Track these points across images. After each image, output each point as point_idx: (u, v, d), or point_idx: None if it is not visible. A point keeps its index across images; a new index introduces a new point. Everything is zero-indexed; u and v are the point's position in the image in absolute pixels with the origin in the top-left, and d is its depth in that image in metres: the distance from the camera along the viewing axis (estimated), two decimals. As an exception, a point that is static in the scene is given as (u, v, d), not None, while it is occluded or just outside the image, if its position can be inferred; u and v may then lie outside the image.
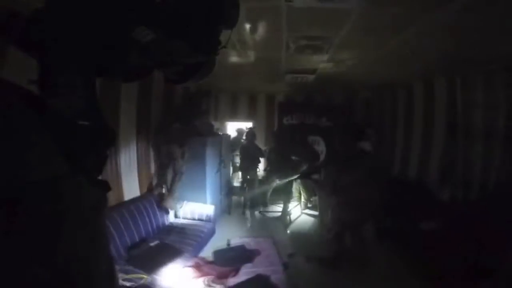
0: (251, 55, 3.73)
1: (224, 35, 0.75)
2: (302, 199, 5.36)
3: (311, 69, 4.38)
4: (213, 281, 2.54)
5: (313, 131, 6.37)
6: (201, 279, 2.57)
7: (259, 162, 5.27)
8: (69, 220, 0.50)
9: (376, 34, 2.71)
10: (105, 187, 0.61)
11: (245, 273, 2.77)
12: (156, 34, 0.59)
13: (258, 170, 5.36)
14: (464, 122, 3.77)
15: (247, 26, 2.66)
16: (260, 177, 5.64)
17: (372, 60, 3.65)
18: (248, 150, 5.17)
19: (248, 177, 5.23)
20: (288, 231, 4.24)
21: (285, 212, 4.62)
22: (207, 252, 3.19)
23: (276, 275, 2.70)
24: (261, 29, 2.75)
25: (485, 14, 2.12)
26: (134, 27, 0.57)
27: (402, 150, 5.30)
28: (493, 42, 2.71)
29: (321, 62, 3.90)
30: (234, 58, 3.79)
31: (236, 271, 2.78)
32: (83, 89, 0.59)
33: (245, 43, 3.18)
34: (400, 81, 4.97)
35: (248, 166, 5.16)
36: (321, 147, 6.40)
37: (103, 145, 0.64)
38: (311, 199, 5.36)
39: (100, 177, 0.61)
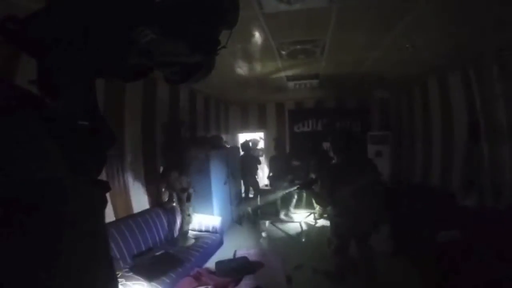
0: (254, 67, 3.79)
1: (224, 36, 0.75)
2: (317, 209, 5.16)
3: (313, 74, 4.32)
4: (211, 292, 2.50)
5: (326, 137, 6.19)
6: (200, 290, 2.54)
7: (256, 169, 5.46)
8: (68, 220, 0.50)
9: (367, 31, 2.62)
10: (105, 187, 0.62)
11: (246, 284, 2.69)
12: (156, 34, 0.59)
13: (257, 177, 5.51)
14: (485, 119, 3.41)
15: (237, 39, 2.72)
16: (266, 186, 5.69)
17: (374, 58, 3.51)
18: (245, 160, 5.34)
19: (249, 184, 5.44)
20: (303, 239, 4.08)
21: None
22: (213, 263, 3.15)
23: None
24: (250, 39, 2.78)
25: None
26: (134, 27, 0.58)
27: (423, 154, 4.92)
28: (503, 28, 2.48)
29: (321, 65, 3.83)
30: (239, 70, 3.88)
31: (236, 283, 2.71)
32: (83, 89, 0.60)
33: (242, 55, 3.25)
34: (414, 78, 4.68)
35: (246, 173, 5.33)
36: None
37: (103, 146, 0.64)
38: (327, 208, 5.13)
39: (99, 178, 0.62)
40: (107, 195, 0.64)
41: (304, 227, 4.62)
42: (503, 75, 3.10)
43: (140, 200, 3.42)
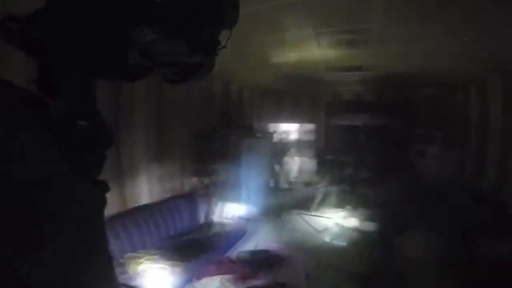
0: (291, 56, 3.64)
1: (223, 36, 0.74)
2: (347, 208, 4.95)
3: (354, 66, 4.03)
4: (229, 281, 2.56)
5: (364, 131, 5.84)
6: (219, 277, 2.62)
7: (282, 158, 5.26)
8: (67, 220, 0.52)
9: (419, 20, 2.32)
10: (104, 187, 0.65)
11: (264, 278, 2.70)
12: (156, 34, 0.59)
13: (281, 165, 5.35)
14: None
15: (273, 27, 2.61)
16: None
17: (427, 51, 3.14)
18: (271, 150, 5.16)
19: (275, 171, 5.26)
20: (327, 239, 3.96)
21: None
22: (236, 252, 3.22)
23: (295, 285, 2.56)
24: (289, 26, 2.64)
25: None
26: (134, 27, 0.58)
27: (475, 157, 4.39)
28: None
29: (365, 56, 3.54)
30: (274, 59, 3.77)
31: (255, 275, 2.74)
32: (83, 89, 0.61)
33: (282, 42, 3.12)
34: (469, 76, 4.13)
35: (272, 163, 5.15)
36: (372, 150, 5.83)
37: (102, 145, 0.65)
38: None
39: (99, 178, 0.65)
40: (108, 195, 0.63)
41: (335, 226, 4.46)
42: None
43: (165, 187, 3.58)
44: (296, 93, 6.40)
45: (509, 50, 2.88)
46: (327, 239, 3.98)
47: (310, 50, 3.31)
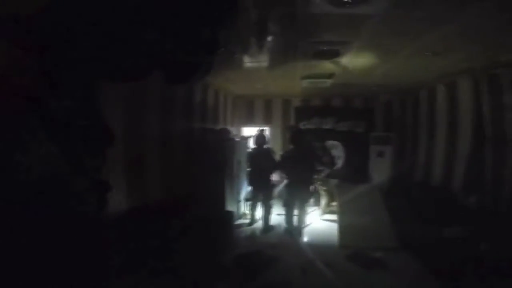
0: (267, 60, 3.76)
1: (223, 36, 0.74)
2: (322, 204, 5.27)
3: (328, 74, 4.35)
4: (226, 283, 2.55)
5: (330, 135, 6.30)
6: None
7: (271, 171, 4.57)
8: (69, 219, 0.51)
9: (396, 38, 2.66)
10: (105, 187, 0.62)
11: (261, 280, 2.76)
12: (156, 35, 0.60)
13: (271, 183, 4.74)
14: (492, 126, 3.58)
15: (262, 31, 2.70)
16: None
17: (392, 63, 3.58)
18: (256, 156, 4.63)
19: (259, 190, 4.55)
20: (305, 238, 4.11)
21: (300, 220, 4.24)
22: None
23: (296, 282, 2.69)
24: (277, 34, 2.76)
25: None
26: (135, 28, 0.58)
27: (426, 155, 5.10)
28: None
29: (339, 66, 3.87)
30: (249, 64, 3.85)
31: (252, 277, 2.78)
32: (84, 90, 0.61)
33: (261, 48, 3.22)
34: (423, 83, 4.81)
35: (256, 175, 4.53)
36: (338, 152, 6.31)
37: (103, 146, 0.65)
38: (331, 204, 5.25)
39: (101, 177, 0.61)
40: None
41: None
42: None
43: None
44: (268, 98, 6.60)
45: (456, 64, 3.47)
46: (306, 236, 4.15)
47: (293, 57, 3.50)
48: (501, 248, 2.71)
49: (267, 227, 4.33)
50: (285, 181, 4.47)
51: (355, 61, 3.57)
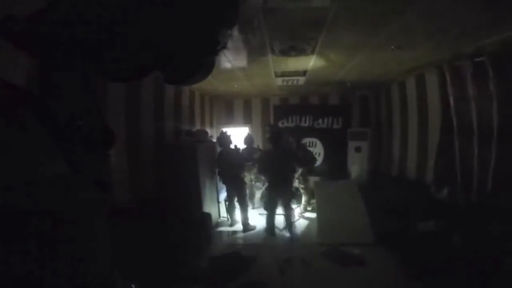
0: (243, 60, 3.76)
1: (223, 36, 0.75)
2: (303, 202, 5.29)
3: (301, 71, 4.39)
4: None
5: (309, 133, 6.35)
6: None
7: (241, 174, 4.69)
8: (67, 222, 0.50)
9: (356, 32, 2.70)
10: (105, 188, 0.61)
11: (240, 280, 2.72)
12: (155, 34, 0.59)
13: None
14: (458, 118, 3.69)
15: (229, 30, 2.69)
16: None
17: (359, 58, 3.64)
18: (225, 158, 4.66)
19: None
20: (288, 235, 4.13)
21: (288, 217, 4.23)
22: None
23: (273, 282, 2.66)
24: (244, 32, 2.76)
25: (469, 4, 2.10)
26: (133, 27, 0.57)
27: (400, 149, 5.22)
28: (481, 31, 2.67)
29: (310, 63, 3.90)
30: (226, 63, 3.83)
31: (230, 279, 2.73)
32: (83, 89, 0.60)
33: (232, 47, 3.21)
34: (394, 77, 4.92)
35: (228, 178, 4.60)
36: (317, 149, 6.37)
37: (103, 146, 0.65)
38: (311, 202, 5.29)
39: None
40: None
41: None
42: (476, 78, 3.37)
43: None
44: (247, 98, 6.58)
45: (422, 57, 3.57)
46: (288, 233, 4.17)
47: (263, 55, 3.50)
48: (473, 240, 2.77)
49: (246, 227, 4.30)
50: (266, 183, 4.48)
51: (324, 56, 3.61)
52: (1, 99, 0.47)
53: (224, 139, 4.62)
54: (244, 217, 4.33)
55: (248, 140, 5.05)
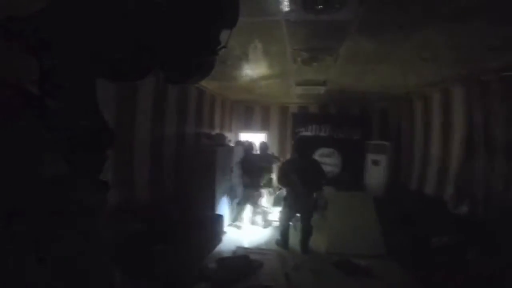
0: (263, 67, 3.85)
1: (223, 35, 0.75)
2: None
3: (321, 80, 4.41)
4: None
5: (327, 143, 6.30)
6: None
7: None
8: (67, 221, 0.51)
9: (380, 43, 2.71)
10: (105, 187, 0.63)
11: (247, 284, 2.75)
12: (155, 34, 0.60)
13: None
14: (483, 134, 3.55)
15: (252, 41, 2.79)
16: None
17: (381, 69, 3.61)
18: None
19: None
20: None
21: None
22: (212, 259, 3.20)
23: (277, 286, 2.68)
24: (266, 43, 2.86)
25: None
26: (133, 27, 0.58)
27: (421, 164, 5.05)
28: (509, 46, 2.58)
29: (331, 73, 3.92)
30: (247, 70, 3.94)
31: (237, 282, 2.77)
32: (84, 89, 0.60)
33: (254, 57, 3.31)
34: (416, 90, 4.82)
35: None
36: (335, 160, 6.30)
37: (103, 146, 0.65)
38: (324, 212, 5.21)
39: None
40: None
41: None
42: (502, 93, 3.24)
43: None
44: (266, 104, 6.67)
45: (448, 71, 3.48)
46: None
47: (285, 64, 3.57)
48: (488, 257, 2.66)
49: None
50: (286, 192, 4.30)
51: (345, 67, 3.62)
52: (1, 99, 0.49)
53: (249, 146, 5.12)
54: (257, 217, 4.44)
55: (263, 147, 5.21)
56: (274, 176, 5.39)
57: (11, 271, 0.44)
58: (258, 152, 5.25)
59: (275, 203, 5.21)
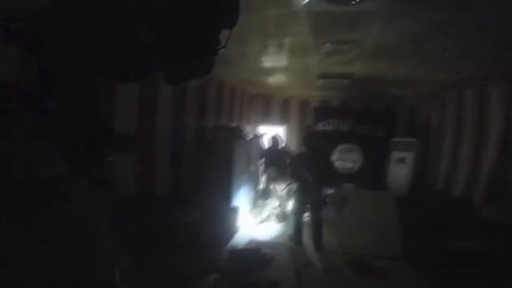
0: (283, 60, 3.75)
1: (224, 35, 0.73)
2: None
3: (345, 74, 4.22)
4: (222, 280, 2.59)
5: (348, 138, 6.08)
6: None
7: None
8: (68, 219, 0.53)
9: (409, 37, 2.52)
10: (105, 186, 0.64)
11: (257, 277, 2.77)
12: (156, 35, 0.60)
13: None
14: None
15: (273, 32, 2.71)
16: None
17: (412, 64, 3.38)
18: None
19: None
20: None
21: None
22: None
23: (287, 283, 2.66)
24: (287, 36, 2.77)
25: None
26: (135, 28, 0.58)
27: (449, 163, 4.75)
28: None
29: (355, 66, 3.74)
30: (266, 63, 3.86)
31: (247, 274, 2.79)
32: (83, 89, 0.61)
33: (275, 48, 3.22)
34: (449, 87, 4.48)
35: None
36: (356, 156, 6.07)
37: (103, 145, 0.65)
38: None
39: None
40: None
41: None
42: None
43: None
44: (286, 98, 6.54)
45: (482, 68, 3.19)
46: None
47: (306, 56, 3.45)
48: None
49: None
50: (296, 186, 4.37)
51: (370, 61, 3.43)
52: (1, 99, 0.50)
53: (275, 140, 5.14)
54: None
55: (275, 140, 5.16)
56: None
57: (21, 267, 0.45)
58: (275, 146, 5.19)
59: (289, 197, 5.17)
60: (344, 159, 6.13)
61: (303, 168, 3.86)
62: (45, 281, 0.47)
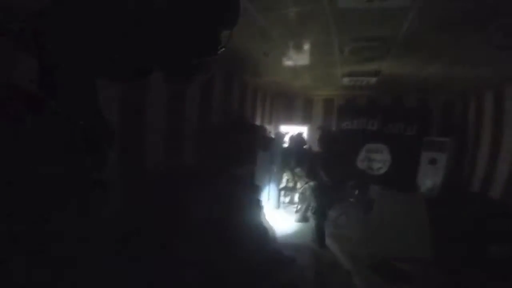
0: (306, 58, 3.68)
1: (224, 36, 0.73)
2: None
3: (372, 71, 4.06)
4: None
5: (375, 138, 5.84)
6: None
7: None
8: (68, 218, 0.54)
9: (444, 31, 2.36)
10: (104, 186, 0.65)
11: (275, 279, 2.75)
12: (156, 36, 0.60)
13: None
14: None
15: (295, 31, 2.67)
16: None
17: (447, 60, 3.17)
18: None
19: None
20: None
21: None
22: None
23: (308, 286, 2.64)
24: (309, 32, 2.71)
25: None
26: (134, 30, 0.59)
27: (487, 165, 4.40)
28: None
29: (384, 63, 3.58)
30: (288, 62, 3.82)
31: (266, 275, 2.78)
32: (83, 89, 0.61)
33: (296, 47, 3.18)
34: (489, 84, 4.14)
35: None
36: (384, 156, 5.83)
37: (103, 145, 0.66)
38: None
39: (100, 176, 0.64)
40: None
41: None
42: None
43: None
44: (309, 97, 6.43)
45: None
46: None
47: (330, 54, 3.36)
48: None
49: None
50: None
51: (401, 57, 3.26)
52: (2, 99, 0.51)
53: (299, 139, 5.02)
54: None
55: (300, 140, 5.03)
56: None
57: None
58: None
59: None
60: (371, 159, 5.92)
61: (319, 168, 3.85)
62: (39, 283, 0.50)
